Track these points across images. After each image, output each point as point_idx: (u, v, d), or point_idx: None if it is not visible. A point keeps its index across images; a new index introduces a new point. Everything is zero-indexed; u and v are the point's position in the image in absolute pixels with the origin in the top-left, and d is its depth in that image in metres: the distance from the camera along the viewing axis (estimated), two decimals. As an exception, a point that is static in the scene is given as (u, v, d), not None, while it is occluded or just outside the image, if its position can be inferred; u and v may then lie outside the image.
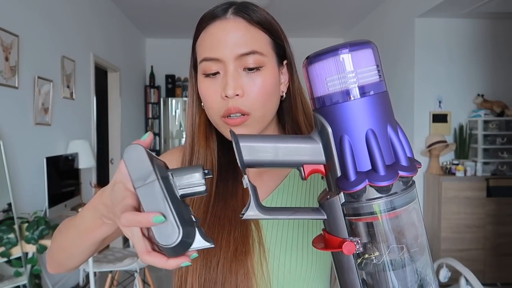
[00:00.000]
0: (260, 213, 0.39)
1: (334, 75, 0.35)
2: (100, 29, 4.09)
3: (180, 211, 0.38)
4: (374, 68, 0.36)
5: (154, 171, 0.38)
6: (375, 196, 0.35)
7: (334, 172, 0.37)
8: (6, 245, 2.18)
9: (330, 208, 0.38)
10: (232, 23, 0.60)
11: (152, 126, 5.94)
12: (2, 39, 2.38)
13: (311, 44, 6.22)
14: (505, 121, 3.57)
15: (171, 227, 0.37)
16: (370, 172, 0.35)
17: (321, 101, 0.36)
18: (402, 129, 0.38)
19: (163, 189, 0.37)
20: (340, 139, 0.36)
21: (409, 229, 0.37)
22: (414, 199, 0.37)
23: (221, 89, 0.59)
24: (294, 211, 0.40)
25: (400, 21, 4.04)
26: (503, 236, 3.47)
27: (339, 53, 0.35)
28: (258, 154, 0.39)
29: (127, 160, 0.38)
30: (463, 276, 1.94)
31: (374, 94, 0.35)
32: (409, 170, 0.35)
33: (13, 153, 2.48)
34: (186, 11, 4.60)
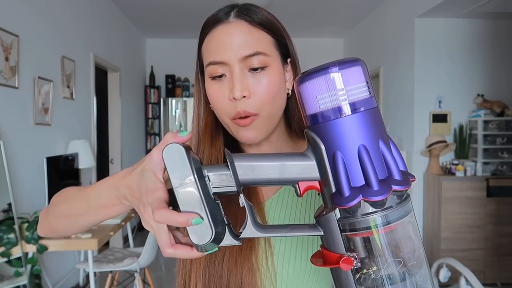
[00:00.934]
0: (257, 232, 0.40)
1: (324, 93, 0.36)
2: (100, 29, 4.09)
3: (213, 211, 0.40)
4: (364, 85, 0.36)
5: (193, 172, 0.39)
6: (370, 210, 0.36)
7: (329, 188, 0.38)
8: (6, 245, 2.18)
9: (326, 224, 0.38)
10: (235, 26, 0.61)
11: (152, 126, 5.94)
12: (2, 39, 2.38)
13: (311, 44, 6.24)
14: (505, 121, 3.57)
15: (205, 228, 0.39)
16: (364, 187, 0.35)
17: (313, 118, 0.37)
18: (394, 143, 0.39)
19: (200, 190, 0.39)
20: (333, 156, 0.36)
21: (406, 242, 0.37)
22: (410, 212, 0.37)
23: (229, 91, 0.60)
24: (291, 228, 0.41)
25: (400, 21, 4.04)
26: (503, 236, 3.47)
27: (329, 71, 0.36)
28: (253, 173, 0.40)
29: (166, 159, 0.39)
30: (463, 276, 1.94)
31: (365, 110, 0.36)
32: (403, 184, 0.35)
33: (13, 153, 2.48)
34: (186, 11, 4.61)
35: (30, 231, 2.28)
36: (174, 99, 6.04)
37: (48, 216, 0.65)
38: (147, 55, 6.01)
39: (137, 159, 5.54)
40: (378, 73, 4.61)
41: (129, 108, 5.07)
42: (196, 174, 0.39)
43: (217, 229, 0.39)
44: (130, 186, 0.47)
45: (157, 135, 5.95)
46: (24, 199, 2.56)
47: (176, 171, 0.39)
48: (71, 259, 3.28)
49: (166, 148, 0.39)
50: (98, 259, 2.73)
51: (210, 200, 0.40)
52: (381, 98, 4.53)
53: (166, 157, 0.39)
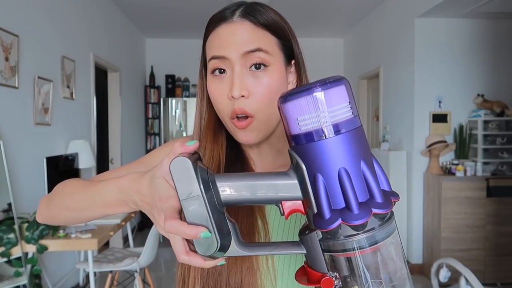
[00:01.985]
0: (240, 250, 0.41)
1: (305, 115, 0.35)
2: (100, 29, 4.09)
3: (219, 222, 0.40)
4: (346, 105, 0.36)
5: (199, 185, 0.39)
6: (351, 233, 0.35)
7: (312, 209, 0.37)
8: (6, 245, 2.18)
9: (309, 243, 0.39)
10: (239, 25, 0.62)
11: (152, 126, 5.94)
12: (2, 39, 2.38)
13: (311, 44, 6.25)
14: (505, 121, 3.57)
15: (210, 240, 0.39)
16: (344, 210, 0.35)
17: (295, 139, 0.37)
18: (377, 161, 0.38)
19: (207, 203, 0.39)
20: (314, 178, 0.36)
21: (388, 263, 0.36)
22: (393, 233, 0.37)
23: (228, 89, 0.61)
24: (274, 246, 0.41)
25: (400, 21, 4.04)
26: (503, 236, 3.47)
27: (311, 92, 0.35)
28: (236, 193, 0.40)
29: (174, 172, 0.39)
30: (463, 276, 1.94)
31: (347, 132, 0.35)
32: (383, 207, 0.35)
33: (13, 153, 2.47)
34: (186, 11, 4.61)
35: (30, 231, 2.28)
36: (174, 99, 6.04)
37: (50, 205, 0.67)
38: (147, 55, 6.01)
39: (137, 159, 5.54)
40: (378, 73, 4.61)
41: (129, 108, 5.07)
42: (203, 186, 0.39)
43: (222, 241, 0.40)
44: (141, 192, 0.47)
45: (157, 135, 5.95)
46: (24, 199, 2.56)
47: (183, 184, 0.39)
48: (71, 259, 3.28)
49: (173, 161, 0.40)
50: (98, 259, 2.73)
51: (216, 212, 0.40)
52: (381, 98, 4.53)
53: (174, 170, 0.39)
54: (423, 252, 3.80)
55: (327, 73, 3.69)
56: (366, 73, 5.03)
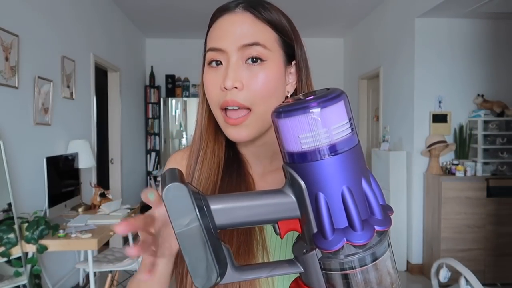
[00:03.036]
0: (236, 275, 0.39)
1: (307, 133, 0.34)
2: (100, 29, 4.09)
3: (217, 250, 0.38)
4: (346, 122, 0.35)
5: (196, 214, 0.36)
6: (352, 252, 0.35)
7: (310, 227, 0.36)
8: (6, 245, 2.18)
9: (307, 263, 0.37)
10: (240, 16, 0.61)
11: (152, 126, 5.94)
12: (2, 39, 2.37)
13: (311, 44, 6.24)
14: (505, 121, 3.57)
15: (210, 270, 0.37)
16: (347, 230, 0.34)
17: (293, 157, 0.35)
18: (373, 176, 0.38)
19: (204, 232, 0.36)
20: (315, 197, 0.35)
21: (385, 277, 0.37)
22: (388, 248, 0.37)
23: (222, 80, 0.59)
24: (271, 268, 0.39)
25: (400, 21, 4.03)
26: (503, 236, 3.47)
27: (312, 110, 0.33)
28: (231, 217, 0.38)
29: (167, 202, 0.36)
30: (463, 276, 1.94)
31: (348, 150, 0.34)
32: (384, 224, 0.35)
33: (13, 153, 2.47)
34: (186, 11, 4.61)
35: (30, 231, 2.28)
36: (174, 99, 6.04)
37: None
38: (147, 55, 6.01)
39: (137, 159, 5.56)
40: (378, 73, 4.61)
41: (129, 108, 5.07)
42: (199, 214, 0.36)
43: (221, 269, 0.37)
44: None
45: (157, 135, 5.95)
46: (24, 199, 2.55)
47: (178, 214, 0.36)
48: (71, 259, 3.28)
49: (167, 188, 0.36)
50: (98, 259, 2.73)
51: (213, 239, 0.37)
52: (381, 98, 4.53)
53: (167, 200, 0.36)
54: (423, 252, 3.80)
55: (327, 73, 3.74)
56: (366, 73, 5.03)
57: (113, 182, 4.62)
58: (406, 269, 3.91)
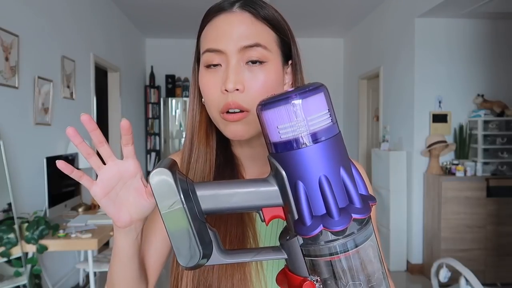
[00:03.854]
0: (222, 258, 0.41)
1: (286, 123, 0.35)
2: (100, 29, 4.09)
3: (201, 232, 0.40)
4: (326, 113, 0.36)
5: (180, 196, 0.38)
6: (331, 238, 0.36)
7: (292, 215, 0.38)
8: (6, 245, 2.18)
9: (290, 249, 0.39)
10: (238, 16, 0.59)
11: (152, 126, 5.93)
12: (2, 39, 2.38)
13: (311, 44, 6.23)
14: (505, 121, 3.57)
15: (192, 250, 0.39)
16: (325, 217, 0.36)
17: (275, 147, 0.37)
18: (355, 166, 0.39)
19: (188, 214, 0.38)
20: (295, 185, 0.36)
21: (366, 265, 0.37)
22: (370, 236, 0.38)
23: (222, 82, 0.58)
24: (256, 252, 0.41)
25: (400, 21, 4.04)
26: (503, 236, 3.47)
27: (290, 101, 0.35)
28: (216, 202, 0.40)
29: (153, 185, 0.39)
30: (463, 276, 1.95)
31: (326, 140, 0.36)
32: (362, 212, 0.36)
33: (13, 153, 2.47)
34: (186, 11, 4.61)
35: (30, 231, 2.28)
36: (174, 99, 6.04)
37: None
38: (147, 55, 6.01)
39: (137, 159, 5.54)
40: (378, 73, 4.61)
41: (129, 108, 5.07)
42: (184, 197, 0.39)
43: (204, 250, 0.39)
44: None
45: (157, 135, 5.95)
46: (24, 199, 2.55)
47: (163, 196, 0.39)
48: (71, 259, 3.28)
49: (152, 173, 0.39)
50: (98, 259, 2.73)
51: (197, 222, 0.40)
52: (381, 98, 4.53)
53: (153, 183, 0.39)
54: (423, 252, 3.80)
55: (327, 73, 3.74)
56: (366, 73, 5.03)
57: (113, 182, 4.61)
58: (406, 269, 3.91)
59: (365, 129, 5.30)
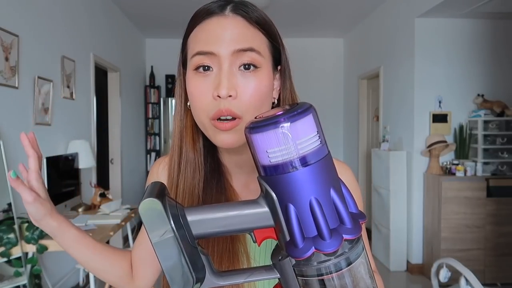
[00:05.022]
0: (215, 281, 0.41)
1: (275, 147, 0.35)
2: (100, 29, 4.09)
3: (193, 258, 0.40)
4: (315, 135, 0.36)
5: (171, 225, 0.38)
6: (323, 259, 0.36)
7: (284, 236, 0.38)
8: (6, 245, 2.18)
9: (282, 269, 0.39)
10: (231, 20, 0.57)
11: (152, 126, 5.94)
12: (2, 39, 2.38)
13: (311, 44, 6.22)
14: (505, 121, 3.57)
15: (185, 278, 0.39)
16: (316, 238, 0.36)
17: (264, 170, 0.37)
18: (344, 185, 0.39)
19: (179, 242, 0.38)
20: (285, 208, 0.37)
21: (358, 282, 0.38)
22: (362, 253, 0.38)
23: (213, 88, 0.56)
24: (249, 273, 0.41)
25: (400, 21, 4.04)
26: (503, 236, 3.47)
27: (279, 125, 0.34)
28: (207, 226, 0.40)
29: (143, 216, 0.38)
30: (463, 276, 1.95)
31: (316, 162, 0.36)
32: (353, 232, 0.36)
33: (13, 153, 2.47)
34: (186, 11, 4.60)
35: (30, 231, 2.28)
36: (174, 99, 6.03)
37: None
38: (147, 55, 6.01)
39: (137, 159, 5.56)
40: (378, 73, 4.61)
41: (129, 108, 5.07)
42: (174, 224, 0.38)
43: (197, 274, 0.40)
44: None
45: (157, 135, 5.95)
46: (24, 199, 2.55)
47: (154, 226, 0.38)
48: (71, 259, 3.28)
49: (142, 203, 0.38)
50: (98, 259, 2.72)
51: (189, 248, 0.40)
52: (381, 98, 4.53)
53: (143, 213, 0.38)
54: (423, 252, 3.80)
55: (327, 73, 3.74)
56: (366, 73, 5.03)
57: (113, 182, 4.62)
58: (406, 269, 3.91)
59: (365, 129, 5.30)
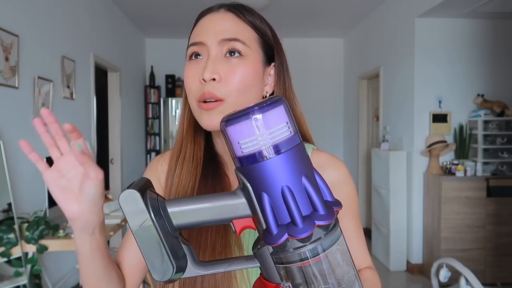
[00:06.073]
0: (197, 270, 0.43)
1: (246, 138, 0.36)
2: (100, 29, 4.09)
3: (174, 247, 0.42)
4: (285, 125, 0.37)
5: (149, 214, 0.40)
6: (298, 245, 0.37)
7: (261, 225, 0.39)
8: (6, 245, 2.18)
9: (262, 257, 0.41)
10: (221, 14, 0.64)
11: (152, 126, 5.94)
12: (2, 39, 2.37)
13: (311, 44, 6.21)
14: (505, 121, 3.57)
15: (166, 265, 0.41)
16: (289, 225, 0.37)
17: (239, 161, 0.38)
18: (319, 174, 0.40)
19: (159, 231, 0.40)
20: (259, 197, 0.38)
21: (336, 268, 0.39)
22: (338, 239, 0.39)
23: (201, 72, 0.61)
24: (230, 262, 0.43)
25: (400, 21, 4.04)
26: (503, 236, 3.47)
27: (249, 116, 0.36)
28: (187, 217, 0.42)
29: (123, 206, 0.40)
30: (463, 276, 1.95)
31: (287, 151, 0.37)
32: (326, 218, 0.37)
33: (13, 153, 2.47)
34: (186, 11, 4.61)
35: (30, 231, 2.28)
36: (174, 99, 6.04)
37: None
38: (147, 55, 6.01)
39: (137, 159, 5.56)
40: (378, 73, 4.61)
41: (129, 108, 5.07)
42: (154, 215, 0.40)
43: (178, 263, 0.41)
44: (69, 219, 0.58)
45: (157, 135, 5.95)
46: (24, 199, 2.55)
47: (133, 215, 0.40)
48: (71, 259, 3.28)
49: (121, 195, 0.40)
50: (98, 259, 2.72)
51: (169, 238, 0.41)
52: (381, 98, 4.53)
53: (123, 204, 0.40)
54: (423, 252, 3.80)
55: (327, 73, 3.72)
56: (366, 73, 5.03)
57: (113, 182, 4.62)
58: (406, 269, 3.91)
59: (365, 129, 5.30)
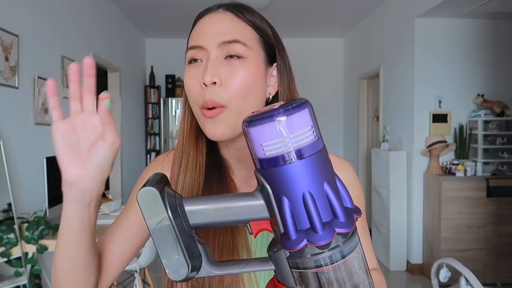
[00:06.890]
0: (211, 270, 0.42)
1: (269, 141, 0.36)
2: (100, 29, 4.09)
3: (190, 246, 0.41)
4: (309, 129, 0.36)
5: (167, 213, 0.40)
6: (317, 252, 0.37)
7: (278, 228, 0.39)
8: (6, 245, 2.18)
9: (277, 261, 0.40)
10: (220, 15, 0.62)
11: (152, 126, 5.94)
12: (2, 39, 2.37)
13: (311, 44, 6.21)
14: (505, 121, 3.57)
15: (181, 264, 0.40)
16: (309, 231, 0.36)
17: (260, 163, 0.37)
18: (340, 180, 0.39)
19: (176, 230, 0.40)
20: (280, 201, 0.37)
21: (352, 276, 0.38)
22: (356, 247, 0.38)
23: (201, 77, 0.59)
24: (244, 264, 0.43)
25: (400, 21, 4.04)
26: (503, 236, 3.47)
27: (275, 118, 0.35)
28: (204, 217, 0.41)
29: (141, 203, 0.40)
30: (463, 276, 1.95)
31: (310, 156, 0.36)
32: (346, 226, 0.36)
33: (13, 153, 2.47)
34: (186, 11, 4.61)
35: (30, 231, 2.28)
36: (174, 99, 6.04)
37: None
38: (147, 55, 6.01)
39: (137, 159, 5.55)
40: (378, 73, 4.61)
41: (129, 108, 5.07)
42: (172, 213, 0.40)
43: (193, 262, 0.41)
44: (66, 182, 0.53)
45: (157, 135, 5.95)
46: (24, 199, 2.55)
47: (151, 214, 0.40)
48: (71, 259, 3.28)
49: (140, 192, 0.39)
50: (98, 259, 2.72)
51: (185, 236, 0.41)
52: (381, 98, 4.53)
53: (141, 201, 0.40)
54: (423, 252, 3.80)
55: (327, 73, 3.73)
56: (366, 73, 5.03)
57: (113, 182, 4.62)
58: (406, 269, 3.91)
59: (365, 129, 5.30)
